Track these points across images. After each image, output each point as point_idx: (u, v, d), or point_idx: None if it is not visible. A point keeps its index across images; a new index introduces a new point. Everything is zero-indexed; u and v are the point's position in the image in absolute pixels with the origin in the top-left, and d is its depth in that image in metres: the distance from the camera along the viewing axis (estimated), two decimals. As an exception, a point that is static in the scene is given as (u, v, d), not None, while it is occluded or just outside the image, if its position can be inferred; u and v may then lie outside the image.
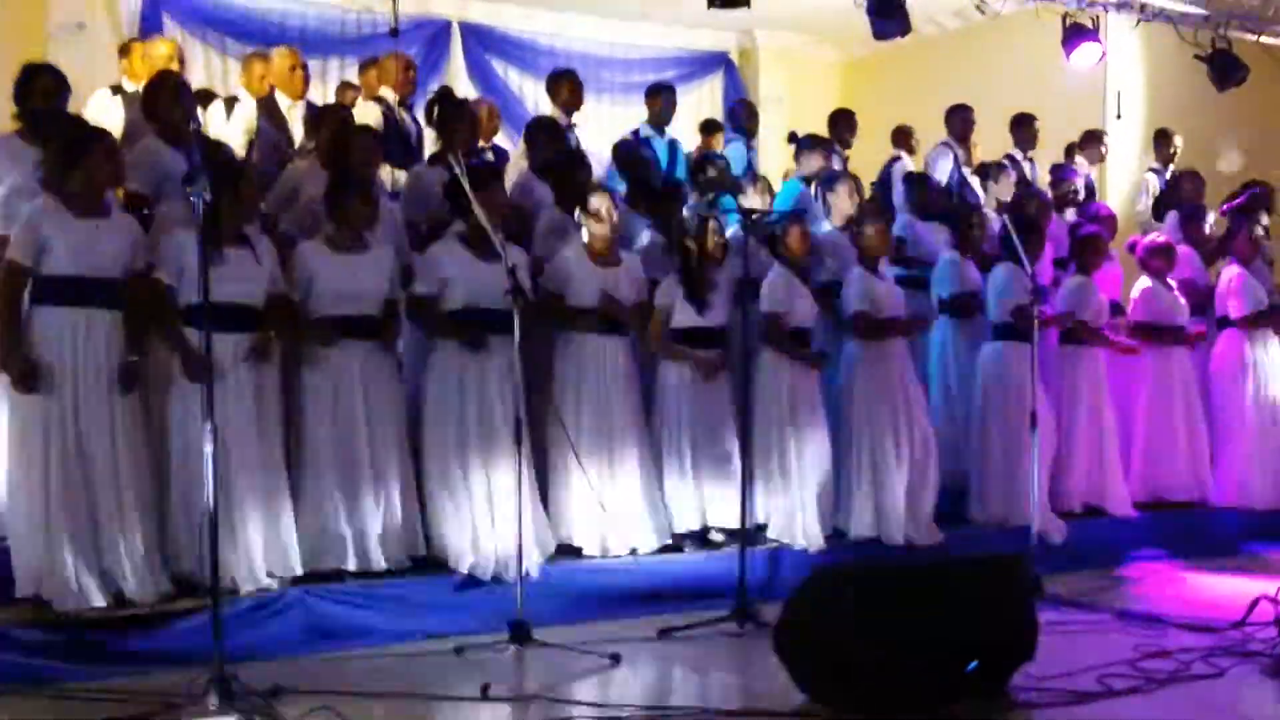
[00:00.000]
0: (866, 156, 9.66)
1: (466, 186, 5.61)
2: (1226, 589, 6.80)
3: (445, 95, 7.14)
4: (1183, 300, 8.21)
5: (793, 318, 6.74)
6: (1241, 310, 8.32)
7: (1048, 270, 8.04)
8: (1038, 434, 6.64)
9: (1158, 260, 8.09)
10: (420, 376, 6.03)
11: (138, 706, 4.46)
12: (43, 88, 5.92)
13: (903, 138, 9.84)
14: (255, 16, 11.00)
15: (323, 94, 9.26)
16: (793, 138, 8.09)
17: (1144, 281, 8.12)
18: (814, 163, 8.19)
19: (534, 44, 12.34)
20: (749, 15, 8.68)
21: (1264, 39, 9.92)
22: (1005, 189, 8.38)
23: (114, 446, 5.21)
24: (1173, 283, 8.18)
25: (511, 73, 12.09)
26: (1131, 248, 8.65)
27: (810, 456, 6.73)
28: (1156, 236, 8.39)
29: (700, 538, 6.54)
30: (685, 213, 7.00)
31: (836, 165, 8.42)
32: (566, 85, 8.19)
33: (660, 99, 8.88)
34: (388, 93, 7.90)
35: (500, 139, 8.67)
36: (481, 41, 12.14)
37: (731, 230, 6.88)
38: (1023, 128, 9.43)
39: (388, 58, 8.19)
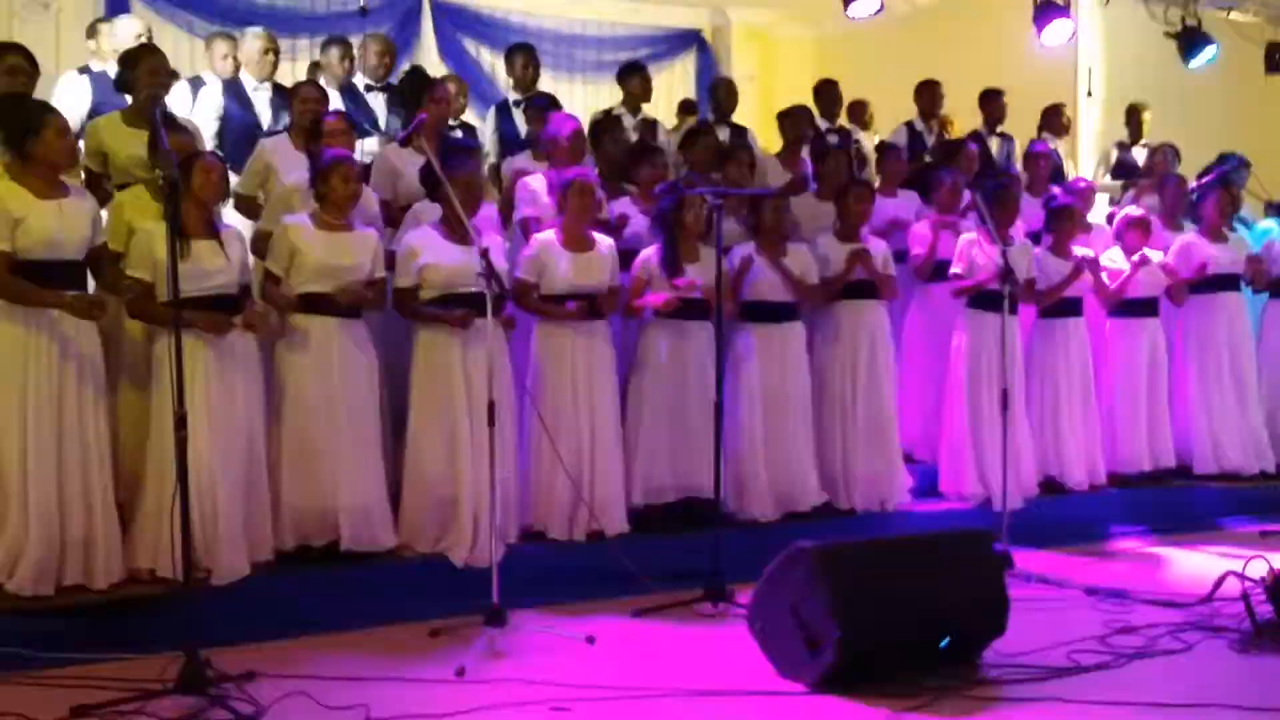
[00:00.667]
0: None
1: (439, 171, 5.59)
2: (1197, 564, 6.87)
3: (415, 75, 7.12)
4: (1160, 273, 8.19)
5: (761, 291, 6.81)
6: (1186, 274, 8.26)
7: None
8: (1010, 409, 6.71)
9: (1133, 233, 8.11)
10: (404, 358, 6.01)
11: (110, 693, 4.44)
12: (11, 66, 5.89)
13: (857, 112, 9.87)
14: (223, -6, 10.90)
15: (292, 74, 9.18)
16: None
17: (1115, 254, 8.12)
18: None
19: (505, 22, 12.27)
20: (721, -8, 8.69)
21: (1233, 15, 9.94)
22: (966, 166, 8.38)
23: (88, 432, 5.19)
24: (1151, 254, 8.15)
25: (483, 51, 12.01)
26: (1109, 219, 8.65)
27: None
28: (1132, 210, 8.39)
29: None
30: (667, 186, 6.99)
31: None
32: (521, 59, 8.17)
33: (634, 80, 8.87)
34: (360, 78, 7.88)
35: (469, 116, 8.65)
36: (453, 19, 12.07)
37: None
38: (991, 103, 9.45)
39: (367, 38, 8.18)
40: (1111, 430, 8.07)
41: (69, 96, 7.20)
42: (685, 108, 11.01)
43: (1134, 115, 10.00)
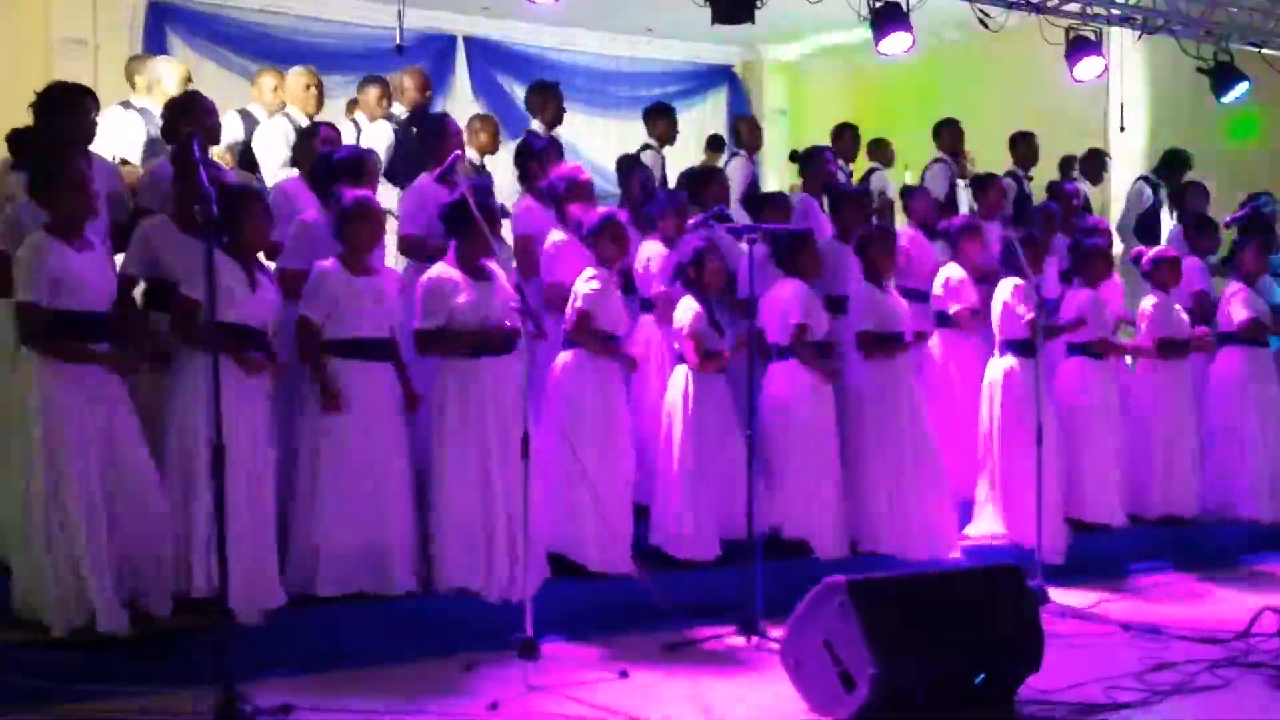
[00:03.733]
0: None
1: (474, 209, 5.63)
2: (1229, 601, 6.81)
3: (432, 116, 7.21)
4: (1184, 315, 8.18)
5: (815, 330, 6.83)
6: (1240, 322, 8.27)
7: (1053, 285, 8.03)
8: (1041, 449, 6.68)
9: (1162, 273, 8.08)
10: (431, 396, 6.02)
11: (146, 725, 4.48)
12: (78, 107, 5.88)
13: (879, 150, 9.90)
14: (260, 32, 11.06)
15: (329, 111, 9.30)
16: (794, 156, 8.14)
17: (1150, 296, 8.09)
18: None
19: (540, 58, 12.39)
20: (752, 29, 8.71)
21: (1266, 51, 9.92)
22: (996, 202, 8.38)
23: (127, 466, 5.22)
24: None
25: (516, 88, 12.09)
26: (1136, 259, 8.64)
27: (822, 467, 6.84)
28: (1163, 249, 8.36)
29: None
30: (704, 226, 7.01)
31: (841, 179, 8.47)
32: (546, 98, 8.19)
33: (659, 121, 8.90)
34: (399, 109, 7.94)
35: (503, 153, 8.70)
36: (487, 56, 12.21)
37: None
38: (1022, 145, 9.47)
39: (403, 73, 8.25)
40: (1145, 468, 8.02)
41: (119, 131, 7.27)
42: (713, 143, 11.06)
43: (1174, 160, 9.96)
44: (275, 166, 7.49)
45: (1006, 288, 7.39)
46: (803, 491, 6.79)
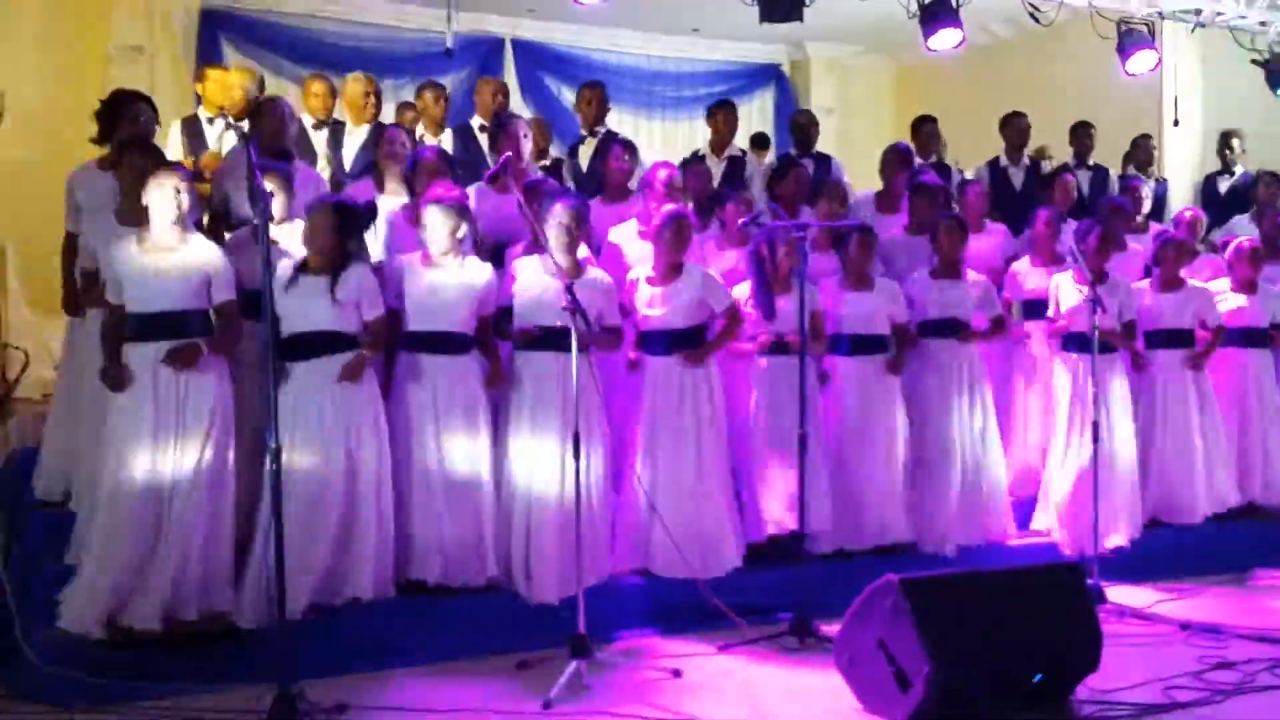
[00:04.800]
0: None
1: (526, 212, 5.68)
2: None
3: (497, 118, 7.22)
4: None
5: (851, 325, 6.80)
6: None
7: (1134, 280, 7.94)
8: (1099, 444, 6.65)
9: (1245, 264, 7.98)
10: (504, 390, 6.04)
11: (205, 723, 4.54)
12: (138, 115, 6.03)
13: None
14: (310, 38, 11.16)
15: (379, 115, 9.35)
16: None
17: (1224, 286, 7.98)
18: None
19: (586, 60, 12.42)
20: (799, 28, 8.67)
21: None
22: (1063, 198, 8.29)
23: (192, 472, 5.27)
24: (1261, 285, 8.02)
25: (564, 90, 12.15)
26: (1220, 248, 8.47)
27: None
28: (1244, 240, 8.23)
29: None
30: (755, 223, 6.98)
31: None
32: (586, 97, 8.23)
33: (720, 116, 8.90)
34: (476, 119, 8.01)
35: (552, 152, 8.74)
36: (533, 58, 12.24)
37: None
38: (1079, 136, 9.37)
39: (482, 83, 8.37)
40: (1210, 464, 7.90)
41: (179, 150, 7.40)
42: (757, 141, 11.02)
43: (1225, 143, 9.87)
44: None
45: (1065, 281, 7.32)
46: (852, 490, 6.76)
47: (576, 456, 5.33)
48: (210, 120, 7.69)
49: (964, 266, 7.13)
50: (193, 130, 7.68)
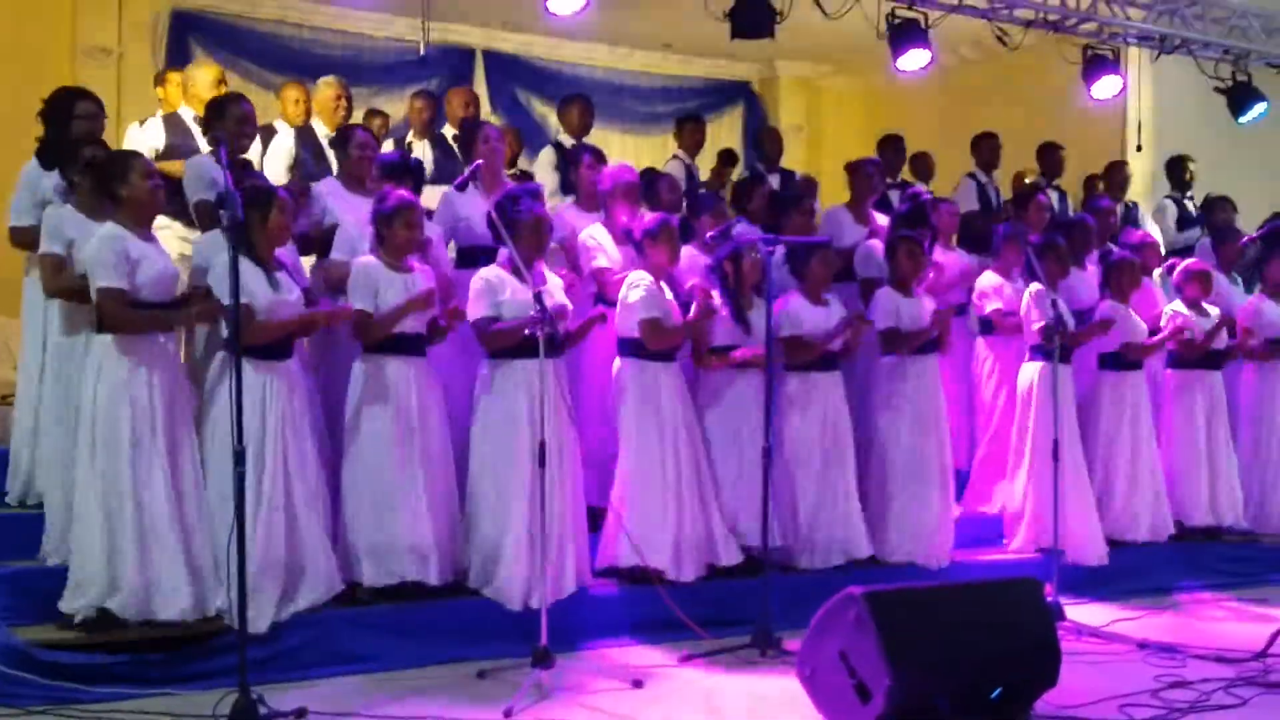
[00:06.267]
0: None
1: (499, 222, 5.70)
2: (1248, 620, 6.80)
3: (467, 124, 7.23)
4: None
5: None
6: (1261, 337, 8.29)
7: (1091, 298, 8.03)
8: (1061, 459, 6.73)
9: (1194, 285, 8.10)
10: (474, 396, 6.06)
11: (164, 727, 4.52)
12: (84, 112, 6.02)
13: (920, 165, 9.89)
14: (281, 43, 11.15)
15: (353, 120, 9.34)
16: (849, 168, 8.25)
17: (1178, 306, 8.10)
18: None
19: (557, 73, 12.46)
20: (770, 45, 8.75)
21: (1284, 70, 9.94)
22: (1037, 217, 8.38)
23: (174, 470, 5.27)
24: (1209, 309, 8.15)
25: (535, 101, 12.20)
26: (1169, 271, 8.62)
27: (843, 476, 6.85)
28: (1193, 262, 8.36)
29: None
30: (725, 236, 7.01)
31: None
32: (576, 109, 8.28)
33: (687, 130, 8.94)
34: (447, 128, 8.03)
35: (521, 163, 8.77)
36: (505, 70, 12.26)
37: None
38: (1048, 157, 9.48)
39: (451, 93, 8.38)
40: (1168, 483, 8.00)
41: (143, 137, 7.34)
42: (725, 158, 11.09)
43: (1178, 167, 9.99)
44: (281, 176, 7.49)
45: (1029, 293, 7.41)
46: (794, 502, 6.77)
47: (542, 464, 5.34)
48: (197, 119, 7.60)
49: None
50: (176, 129, 7.57)
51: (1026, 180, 9.59)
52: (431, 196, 6.89)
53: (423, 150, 8.15)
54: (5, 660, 4.93)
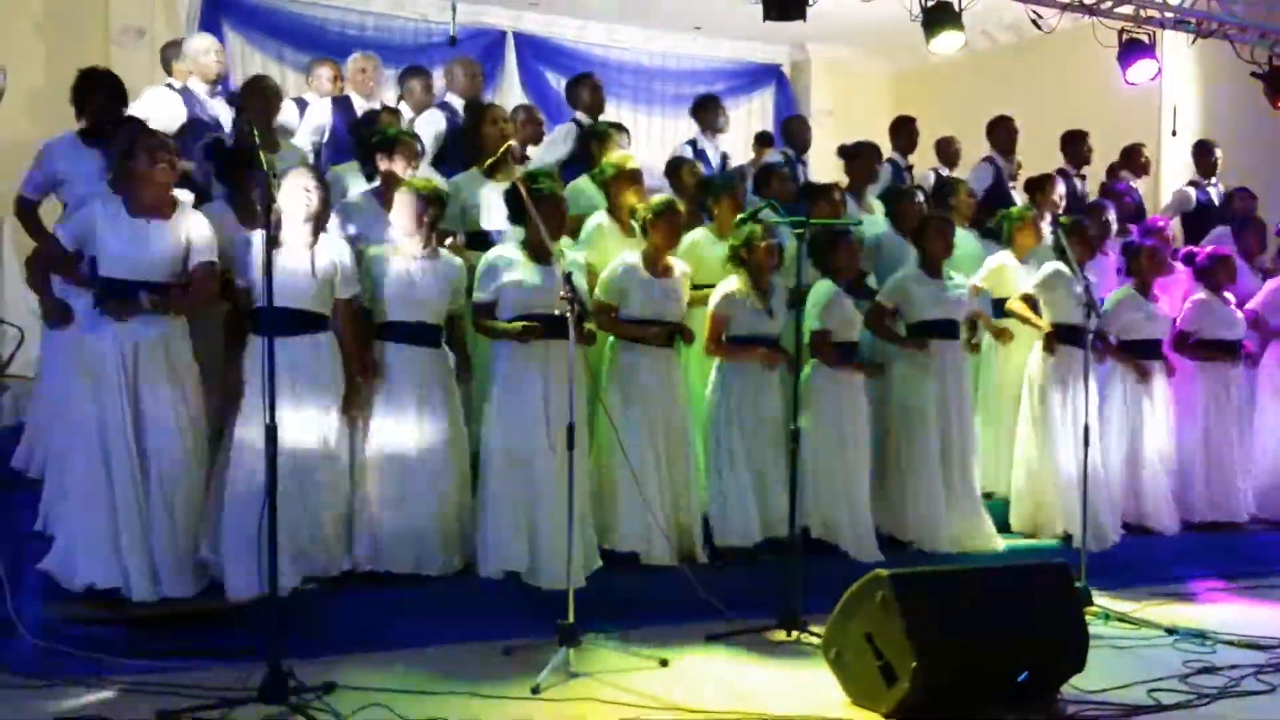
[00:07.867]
0: (916, 170, 9.67)
1: (526, 198, 5.67)
2: (1276, 609, 6.76)
3: (472, 106, 7.24)
4: (1239, 314, 8.13)
5: (840, 332, 6.77)
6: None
7: (1111, 284, 7.99)
8: (1090, 445, 6.68)
9: (1216, 272, 8.03)
10: (484, 381, 6.08)
11: (194, 700, 4.54)
12: (106, 94, 6.05)
13: (944, 149, 9.84)
14: (312, 24, 11.19)
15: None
16: (842, 151, 8.16)
17: (1199, 294, 8.04)
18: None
19: (587, 55, 12.45)
20: (801, 28, 8.69)
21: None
22: (1050, 202, 8.31)
23: (175, 446, 5.32)
24: (1230, 296, 8.09)
25: (564, 82, 12.15)
26: (1189, 258, 8.58)
27: (857, 466, 6.78)
28: (1216, 247, 8.30)
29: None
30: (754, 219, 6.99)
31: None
32: (586, 89, 8.23)
33: (706, 111, 8.92)
34: (453, 98, 7.99)
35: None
36: (535, 51, 12.27)
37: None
38: (1074, 145, 9.40)
39: (455, 63, 8.30)
40: (1189, 473, 7.96)
41: (163, 109, 7.35)
42: (761, 139, 11.06)
43: (1205, 152, 9.91)
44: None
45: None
46: (831, 492, 6.73)
47: (570, 447, 5.33)
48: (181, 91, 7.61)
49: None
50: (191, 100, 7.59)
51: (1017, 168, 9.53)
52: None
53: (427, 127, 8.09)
54: (39, 633, 4.99)
